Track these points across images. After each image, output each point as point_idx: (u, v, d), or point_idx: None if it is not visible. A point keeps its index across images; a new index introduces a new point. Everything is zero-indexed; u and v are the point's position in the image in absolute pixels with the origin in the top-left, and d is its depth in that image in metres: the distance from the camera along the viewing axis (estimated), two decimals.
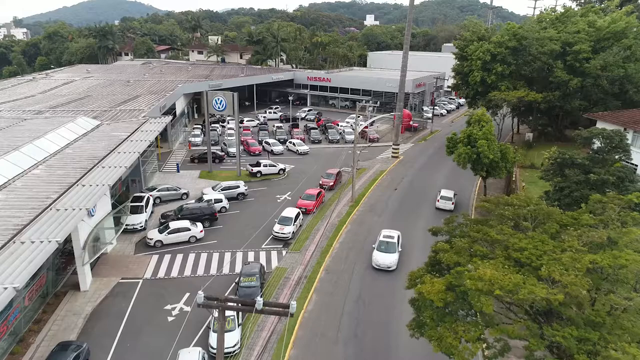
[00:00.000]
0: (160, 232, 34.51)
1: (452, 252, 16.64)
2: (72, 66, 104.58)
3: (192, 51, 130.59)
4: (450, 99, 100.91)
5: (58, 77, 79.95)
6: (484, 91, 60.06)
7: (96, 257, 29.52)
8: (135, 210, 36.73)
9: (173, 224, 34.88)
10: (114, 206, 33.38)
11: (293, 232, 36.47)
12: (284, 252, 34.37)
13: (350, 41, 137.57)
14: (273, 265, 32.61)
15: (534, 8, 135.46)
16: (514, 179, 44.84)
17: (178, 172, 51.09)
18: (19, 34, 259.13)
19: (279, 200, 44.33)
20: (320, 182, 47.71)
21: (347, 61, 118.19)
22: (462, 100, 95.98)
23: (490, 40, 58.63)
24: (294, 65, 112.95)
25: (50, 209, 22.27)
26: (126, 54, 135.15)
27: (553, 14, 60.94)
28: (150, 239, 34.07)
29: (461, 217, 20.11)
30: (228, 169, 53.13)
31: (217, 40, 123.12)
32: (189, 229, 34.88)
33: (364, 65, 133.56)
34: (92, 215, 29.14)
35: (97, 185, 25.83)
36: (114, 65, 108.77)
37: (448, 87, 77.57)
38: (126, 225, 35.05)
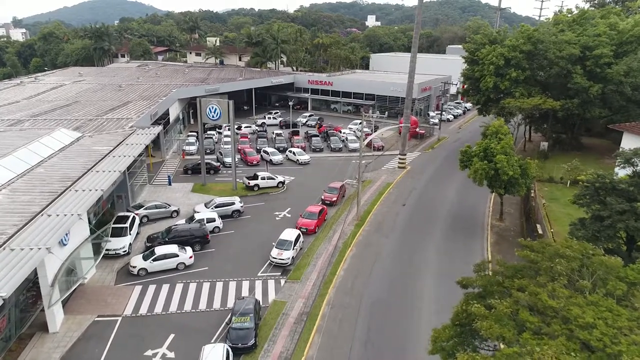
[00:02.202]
0: (145, 258, 30.96)
1: (492, 319, 13.14)
2: (64, 69, 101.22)
3: (190, 53, 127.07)
4: (457, 103, 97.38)
5: (48, 80, 76.56)
6: (497, 97, 56.56)
7: (69, 292, 26.01)
8: (119, 233, 33.15)
9: (159, 250, 31.31)
10: (95, 229, 29.86)
11: (293, 257, 32.93)
12: (282, 282, 30.82)
13: (352, 42, 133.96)
14: (270, 297, 29.06)
15: (541, 9, 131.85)
16: (532, 195, 41.24)
17: (170, 185, 47.55)
18: (18, 34, 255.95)
19: (277, 218, 40.80)
20: (323, 197, 44.17)
21: (349, 63, 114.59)
22: (468, 105, 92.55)
23: (504, 43, 55.04)
24: (294, 68, 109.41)
25: (4, 249, 18.77)
26: (122, 56, 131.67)
27: (570, 15, 57.24)
28: (134, 267, 30.52)
29: (495, 263, 16.54)
30: (223, 181, 49.58)
31: (216, 41, 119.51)
32: (177, 255, 31.33)
33: (367, 67, 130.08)
34: (65, 245, 25.66)
35: (66, 215, 22.29)
36: (108, 67, 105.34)
37: (458, 91, 73.93)
38: (107, 250, 31.52)
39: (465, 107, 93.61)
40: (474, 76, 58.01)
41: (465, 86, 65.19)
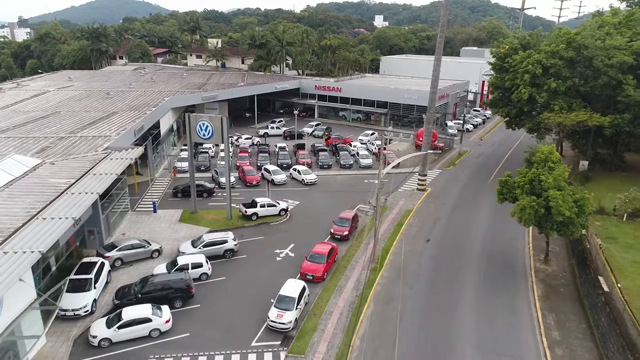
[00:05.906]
0: (109, 324, 24.43)
1: None
2: (53, 73, 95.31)
3: (191, 55, 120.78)
4: (474, 110, 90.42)
5: (33, 86, 70.45)
6: (530, 110, 49.66)
7: None
8: (81, 287, 26.72)
9: (127, 313, 24.77)
10: (41, 292, 23.45)
11: (296, 319, 26.33)
12: (282, 356, 24.24)
13: (361, 44, 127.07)
14: None
15: (560, 9, 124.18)
16: (584, 232, 34.23)
17: (155, 212, 41.13)
18: (23, 34, 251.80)
19: (278, 258, 34.25)
20: (332, 230, 37.54)
21: (358, 66, 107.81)
22: (488, 113, 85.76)
23: (538, 48, 48.10)
24: (300, 71, 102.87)
25: None
26: (121, 57, 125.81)
27: (615, 16, 50.06)
28: (94, 337, 24.00)
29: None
30: (217, 206, 43.08)
31: (217, 43, 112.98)
32: (150, 320, 24.81)
33: (377, 70, 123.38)
34: None
35: None
36: (102, 71, 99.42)
37: (484, 103, 67.00)
38: (64, 310, 25.16)
39: (485, 116, 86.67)
40: (503, 85, 51.05)
41: (490, 96, 58.38)
